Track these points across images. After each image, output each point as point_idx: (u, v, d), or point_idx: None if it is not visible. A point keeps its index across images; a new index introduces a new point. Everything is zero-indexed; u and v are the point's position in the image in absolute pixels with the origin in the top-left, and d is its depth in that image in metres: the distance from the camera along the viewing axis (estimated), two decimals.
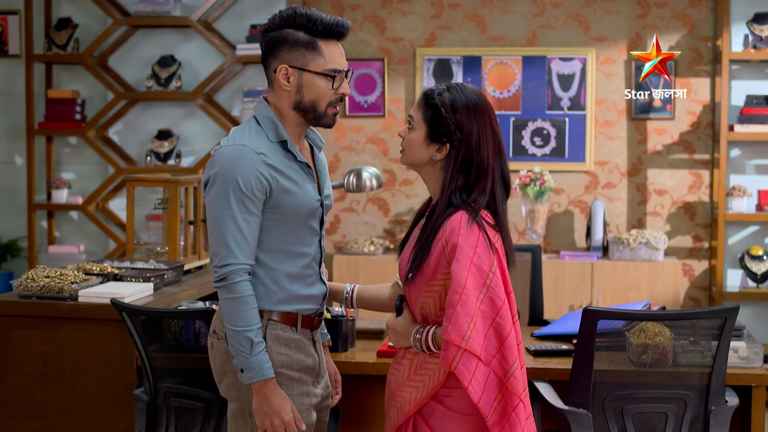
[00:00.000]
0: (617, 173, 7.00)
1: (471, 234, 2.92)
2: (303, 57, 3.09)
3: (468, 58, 7.05)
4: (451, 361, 2.88)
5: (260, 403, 3.00)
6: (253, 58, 7.01)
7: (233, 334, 2.98)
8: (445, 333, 2.89)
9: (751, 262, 6.73)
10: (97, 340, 3.98)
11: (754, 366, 3.78)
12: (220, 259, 3.00)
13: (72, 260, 7.04)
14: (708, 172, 6.94)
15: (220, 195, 2.99)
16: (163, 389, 3.72)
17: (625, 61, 6.96)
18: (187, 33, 7.28)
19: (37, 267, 4.14)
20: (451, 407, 2.99)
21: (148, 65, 7.28)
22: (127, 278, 4.27)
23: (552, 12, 7.02)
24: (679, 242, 6.96)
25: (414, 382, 3.04)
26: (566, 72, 7.00)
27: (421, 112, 3.05)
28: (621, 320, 3.59)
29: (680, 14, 6.92)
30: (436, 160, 3.04)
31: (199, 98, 7.08)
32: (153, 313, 3.73)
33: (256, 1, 7.25)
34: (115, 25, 7.13)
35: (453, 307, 2.88)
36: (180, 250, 4.79)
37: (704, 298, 6.95)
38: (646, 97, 6.90)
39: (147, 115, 7.36)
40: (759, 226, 6.93)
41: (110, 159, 7.16)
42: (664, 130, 6.96)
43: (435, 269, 2.96)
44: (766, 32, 6.64)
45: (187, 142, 7.32)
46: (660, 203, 6.98)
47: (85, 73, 7.32)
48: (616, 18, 6.97)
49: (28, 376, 4.03)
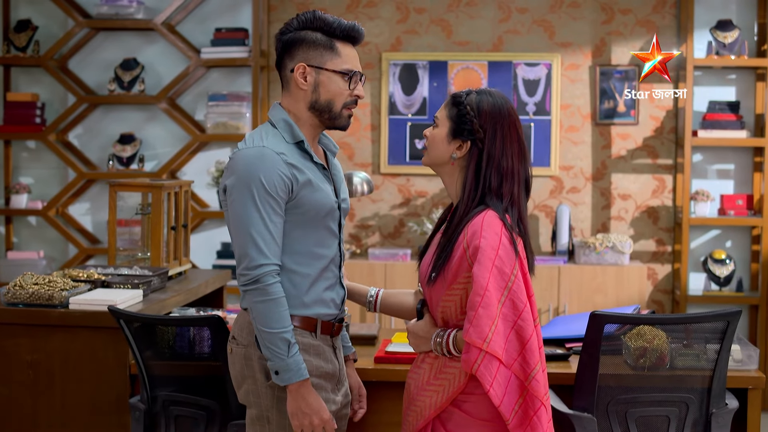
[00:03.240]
0: (582, 178, 7.06)
1: (493, 236, 2.93)
2: (321, 56, 3.12)
3: (434, 63, 7.06)
4: (473, 363, 2.88)
5: (298, 404, 2.99)
6: (218, 61, 6.96)
7: (268, 336, 2.96)
8: (466, 335, 2.88)
9: (714, 265, 6.81)
10: (89, 347, 3.90)
11: (749, 369, 3.82)
12: (250, 261, 2.98)
13: (32, 266, 6.91)
14: (671, 176, 7.03)
15: (245, 197, 2.99)
16: (161, 397, 3.66)
17: (589, 66, 7.02)
18: (150, 36, 7.20)
19: (26, 274, 4.06)
20: (470, 412, 2.99)
21: (110, 68, 7.19)
22: (115, 285, 4.20)
23: (518, 17, 7.06)
24: (642, 246, 7.03)
25: (433, 386, 3.03)
26: (532, 77, 7.04)
27: (447, 111, 3.10)
28: (615, 324, 3.61)
29: (644, 21, 6.99)
30: (456, 158, 3.06)
31: (162, 102, 7.00)
32: (159, 321, 3.68)
33: (220, 5, 7.19)
34: (76, 28, 7.03)
35: (474, 309, 2.87)
36: (163, 256, 4.72)
37: (667, 301, 7.03)
38: (611, 103, 6.96)
39: (109, 118, 7.26)
40: (721, 230, 7.03)
41: (71, 163, 7.05)
42: (628, 135, 7.03)
43: (456, 272, 2.97)
44: (728, 39, 6.73)
45: (150, 146, 7.23)
46: (624, 207, 7.05)
47: (46, 75, 7.20)
48: (580, 24, 7.03)
49: (17, 385, 3.93)
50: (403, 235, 7.14)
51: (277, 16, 7.14)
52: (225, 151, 7.23)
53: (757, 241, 6.90)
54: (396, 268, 6.67)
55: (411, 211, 7.12)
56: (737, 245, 7.02)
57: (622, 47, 6.99)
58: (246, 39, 7.01)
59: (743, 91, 6.96)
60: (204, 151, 7.22)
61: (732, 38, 6.73)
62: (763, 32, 6.87)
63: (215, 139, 7.04)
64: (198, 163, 7.21)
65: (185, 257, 4.96)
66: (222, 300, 5.10)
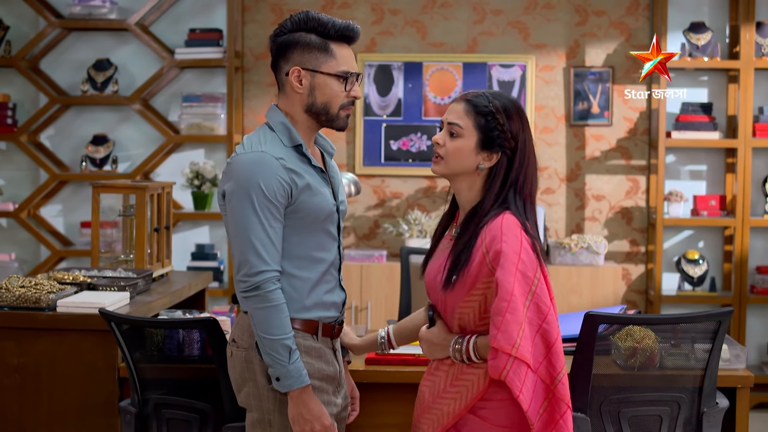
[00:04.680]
0: (556, 179, 7.09)
1: (514, 240, 2.88)
2: (316, 59, 3.09)
3: (409, 64, 7.06)
4: (502, 369, 2.83)
5: (300, 410, 2.97)
6: (192, 62, 6.92)
7: (269, 342, 2.94)
8: (494, 341, 2.83)
9: (688, 265, 6.87)
10: (77, 350, 3.86)
11: (737, 368, 3.86)
12: (250, 267, 2.96)
13: (3, 269, 6.84)
14: (644, 177, 7.08)
15: (244, 203, 2.97)
16: (153, 400, 3.63)
17: (563, 68, 7.06)
18: (124, 36, 7.14)
19: (11, 277, 4.01)
20: (487, 418, 2.94)
21: (82, 69, 7.12)
22: (101, 287, 4.17)
23: (492, 19, 7.08)
24: (616, 247, 7.08)
25: (451, 393, 2.99)
26: (506, 78, 7.06)
27: (471, 120, 2.98)
28: (608, 324, 3.64)
29: (618, 23, 7.04)
30: (483, 168, 2.99)
31: (136, 103, 6.95)
32: (154, 324, 3.66)
33: (194, 5, 7.15)
34: (48, 28, 6.96)
35: (501, 314, 2.83)
36: (146, 258, 4.69)
37: (641, 301, 7.08)
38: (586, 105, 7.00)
39: (81, 119, 7.20)
40: (693, 230, 7.09)
41: (43, 164, 6.99)
42: (602, 137, 7.07)
43: (476, 278, 2.92)
44: (701, 41, 6.79)
45: (124, 147, 7.18)
46: (598, 208, 7.09)
47: (17, 76, 7.12)
48: (555, 25, 7.06)
49: (3, 389, 3.88)
50: (378, 236, 7.13)
51: (251, 17, 7.12)
52: (199, 152, 7.19)
53: (730, 242, 6.97)
54: (371, 269, 6.67)
55: (386, 212, 7.12)
56: (709, 245, 7.08)
57: (596, 49, 7.03)
58: (220, 40, 6.97)
59: (715, 92, 7.02)
60: (178, 153, 7.18)
61: (705, 40, 6.79)
62: (734, 34, 6.93)
63: (189, 140, 6.99)
64: (172, 164, 7.16)
65: (167, 259, 4.93)
66: (204, 302, 5.07)
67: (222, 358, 3.37)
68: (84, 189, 7.17)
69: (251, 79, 7.14)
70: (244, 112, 7.13)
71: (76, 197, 7.21)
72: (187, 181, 6.91)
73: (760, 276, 6.89)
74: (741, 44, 6.73)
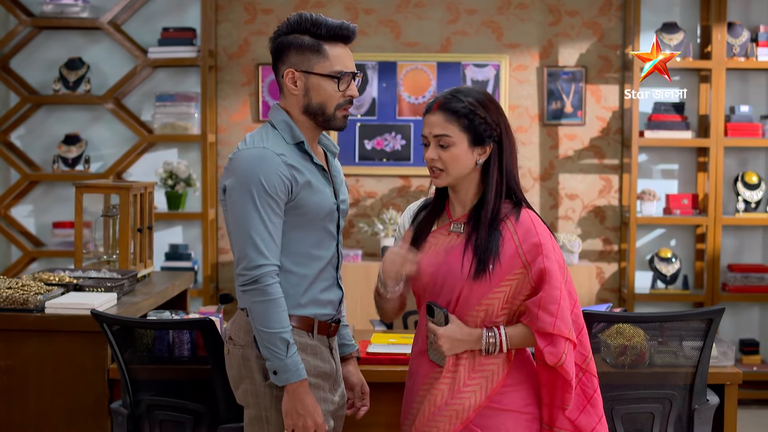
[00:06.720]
0: (530, 178, 7.12)
1: (546, 232, 3.04)
2: (308, 60, 3.11)
3: (383, 64, 7.06)
4: (561, 354, 2.97)
5: (294, 404, 2.98)
6: (166, 61, 6.88)
7: (267, 336, 2.96)
8: (554, 328, 2.95)
9: (661, 264, 6.93)
10: (66, 352, 3.83)
11: (725, 365, 3.90)
12: (249, 261, 2.97)
13: None
14: (617, 176, 7.13)
15: (244, 198, 2.98)
16: (145, 402, 3.61)
17: (537, 68, 7.09)
18: (96, 35, 7.09)
19: None
20: (503, 404, 3.04)
21: (54, 68, 7.06)
22: (87, 288, 4.13)
23: (466, 19, 7.10)
24: (590, 245, 7.12)
25: (470, 386, 3.03)
26: (480, 78, 7.08)
27: (456, 125, 3.03)
28: (602, 323, 3.67)
29: (590, 23, 7.08)
30: (480, 163, 3.07)
31: (109, 102, 6.90)
32: (150, 325, 3.64)
33: (167, 4, 7.11)
34: (19, 26, 6.90)
35: (557, 302, 2.96)
36: (130, 259, 4.66)
37: (614, 299, 7.13)
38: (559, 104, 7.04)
39: (53, 119, 7.13)
40: (666, 229, 7.16)
41: (14, 164, 6.92)
42: (575, 136, 7.11)
43: (507, 270, 3.00)
44: (674, 41, 6.85)
45: (96, 147, 7.12)
46: (571, 207, 7.14)
47: None
48: (528, 25, 7.09)
49: None
50: (352, 235, 7.13)
51: (225, 16, 7.09)
52: (172, 151, 7.15)
53: (702, 240, 7.04)
54: (347, 268, 6.64)
55: (360, 211, 7.12)
56: (682, 244, 7.15)
57: (569, 49, 7.07)
58: (194, 39, 6.94)
59: (687, 92, 7.08)
60: (151, 152, 7.13)
61: (677, 40, 6.85)
62: (706, 34, 7.00)
63: (163, 139, 6.95)
64: (145, 164, 7.11)
65: (149, 259, 4.90)
66: (186, 303, 5.04)
67: (217, 358, 3.36)
68: (56, 189, 7.11)
69: (225, 78, 7.11)
70: (217, 111, 7.10)
71: (48, 197, 7.14)
72: (160, 180, 6.87)
73: (731, 274, 6.96)
74: (713, 44, 6.80)
